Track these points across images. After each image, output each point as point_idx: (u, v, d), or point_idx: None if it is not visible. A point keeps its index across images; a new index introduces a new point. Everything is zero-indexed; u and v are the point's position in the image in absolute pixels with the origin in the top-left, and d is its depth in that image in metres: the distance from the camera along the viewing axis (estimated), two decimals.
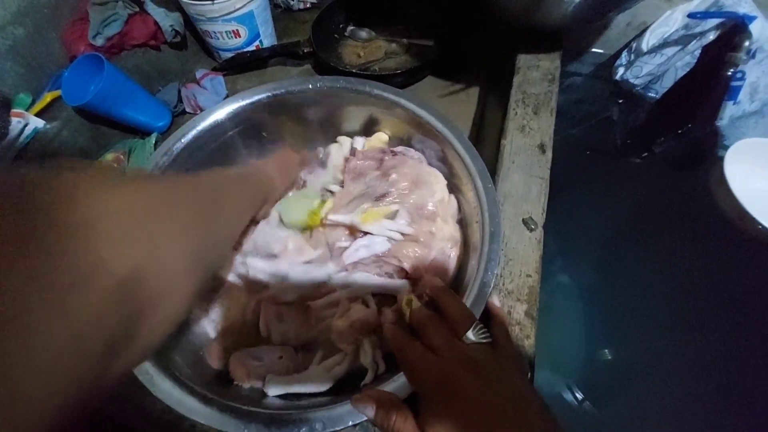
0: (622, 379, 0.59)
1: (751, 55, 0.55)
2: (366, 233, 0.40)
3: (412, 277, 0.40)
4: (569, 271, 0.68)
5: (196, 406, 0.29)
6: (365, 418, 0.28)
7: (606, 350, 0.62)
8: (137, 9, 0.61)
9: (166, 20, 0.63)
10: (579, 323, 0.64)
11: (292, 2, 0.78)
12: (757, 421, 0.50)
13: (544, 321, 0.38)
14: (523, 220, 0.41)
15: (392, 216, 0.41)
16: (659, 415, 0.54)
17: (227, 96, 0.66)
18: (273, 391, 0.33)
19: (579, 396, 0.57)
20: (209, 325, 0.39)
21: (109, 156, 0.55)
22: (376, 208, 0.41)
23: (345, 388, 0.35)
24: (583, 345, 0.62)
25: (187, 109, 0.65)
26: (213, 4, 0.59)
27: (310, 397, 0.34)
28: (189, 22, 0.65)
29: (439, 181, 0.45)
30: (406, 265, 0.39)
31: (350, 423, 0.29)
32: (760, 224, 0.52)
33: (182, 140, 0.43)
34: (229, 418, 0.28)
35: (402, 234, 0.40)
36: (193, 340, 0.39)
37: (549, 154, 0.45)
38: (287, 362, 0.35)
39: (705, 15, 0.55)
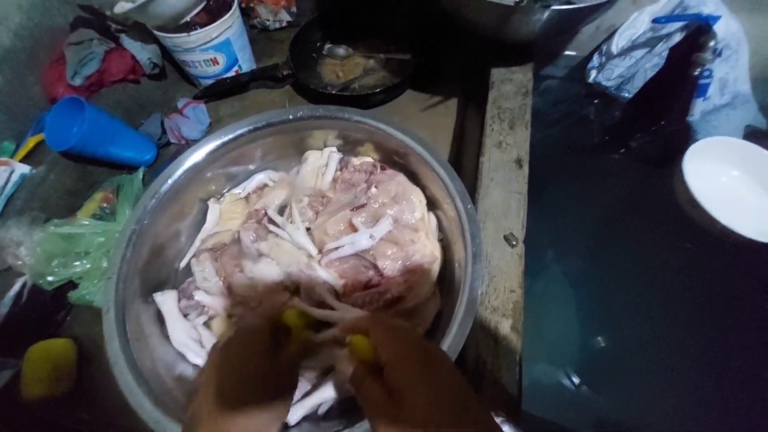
0: (616, 365, 0.61)
1: (717, 53, 0.56)
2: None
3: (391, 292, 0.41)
4: (560, 262, 0.70)
5: None
6: None
7: (599, 338, 0.64)
8: (113, 45, 0.62)
9: (144, 53, 0.63)
10: (572, 313, 0.66)
11: (268, 22, 0.79)
12: (741, 398, 0.52)
13: (538, 312, 0.39)
14: (504, 236, 0.43)
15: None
16: (652, 396, 0.56)
17: (210, 123, 0.66)
18: (294, 417, 0.35)
19: (576, 381, 0.59)
20: None
21: (98, 195, 0.55)
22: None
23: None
24: (577, 334, 0.64)
25: (172, 140, 0.65)
26: (189, 35, 0.59)
27: (329, 420, 0.36)
28: (167, 52, 0.66)
29: (421, 200, 0.47)
30: (380, 263, 0.42)
31: None
32: (720, 223, 0.52)
33: (168, 181, 0.44)
34: None
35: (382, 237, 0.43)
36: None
37: (526, 168, 0.47)
38: (305, 383, 0.37)
39: (669, 19, 0.57)
